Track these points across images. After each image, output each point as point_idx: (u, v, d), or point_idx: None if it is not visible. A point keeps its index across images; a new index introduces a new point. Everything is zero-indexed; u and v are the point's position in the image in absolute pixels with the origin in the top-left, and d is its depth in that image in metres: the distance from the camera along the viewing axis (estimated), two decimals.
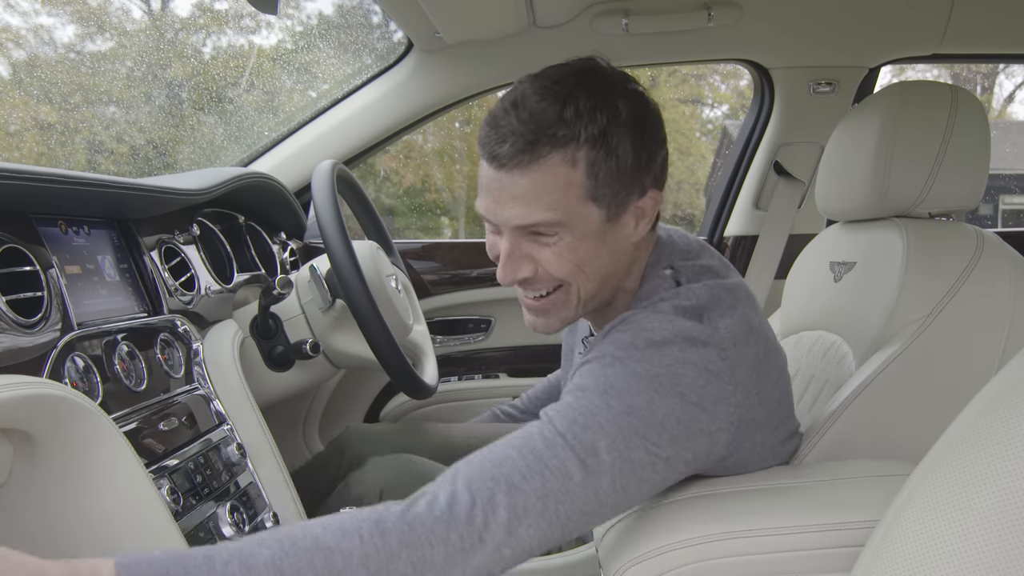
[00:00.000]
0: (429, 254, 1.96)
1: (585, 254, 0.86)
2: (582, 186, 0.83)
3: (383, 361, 1.24)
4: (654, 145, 0.86)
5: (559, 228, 0.85)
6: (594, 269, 0.88)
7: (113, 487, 0.80)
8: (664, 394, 0.80)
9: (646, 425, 0.78)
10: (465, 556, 0.72)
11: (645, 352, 0.82)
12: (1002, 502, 0.51)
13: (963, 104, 1.14)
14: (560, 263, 0.87)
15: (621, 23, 1.65)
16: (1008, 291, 1.10)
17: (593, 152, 0.82)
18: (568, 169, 0.82)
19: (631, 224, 0.88)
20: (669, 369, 0.81)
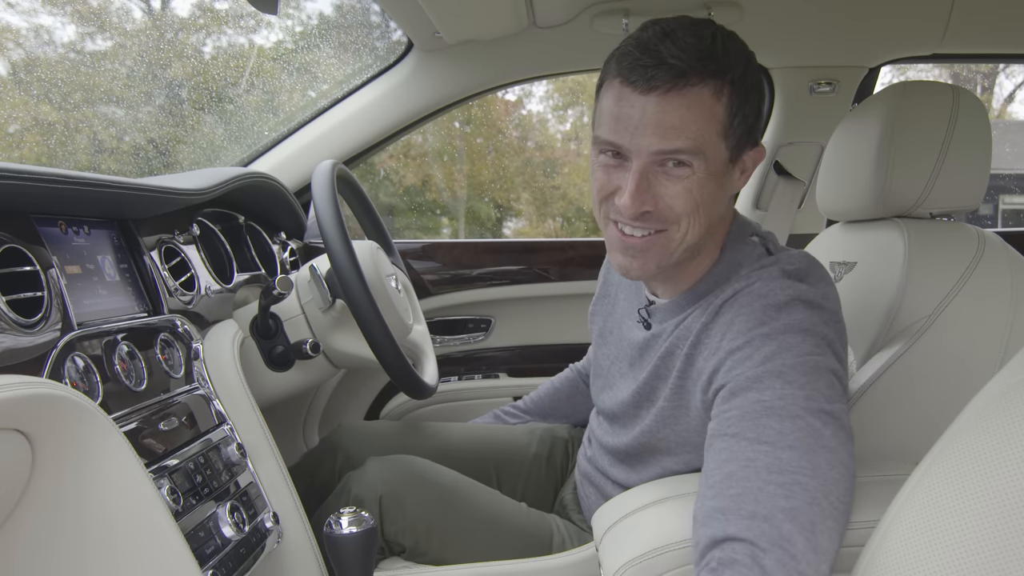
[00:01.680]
0: (429, 254, 1.96)
1: (708, 193, 0.90)
2: (720, 121, 0.88)
3: (383, 361, 1.24)
4: (764, 106, 0.93)
5: (695, 159, 0.88)
6: (708, 212, 0.92)
7: (113, 487, 0.80)
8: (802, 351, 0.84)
9: (816, 384, 0.82)
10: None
11: (775, 318, 0.87)
12: (1002, 502, 0.51)
13: (964, 104, 1.14)
14: (686, 198, 0.90)
15: (621, 23, 1.65)
16: (1009, 291, 1.10)
17: (734, 91, 0.88)
18: (714, 101, 0.87)
19: (737, 174, 0.94)
20: (802, 329, 0.86)
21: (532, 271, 1.97)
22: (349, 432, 1.43)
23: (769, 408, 0.81)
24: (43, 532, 0.77)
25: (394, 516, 1.19)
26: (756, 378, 0.83)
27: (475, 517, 1.21)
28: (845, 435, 0.81)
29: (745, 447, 0.79)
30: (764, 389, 0.82)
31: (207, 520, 0.97)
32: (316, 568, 1.13)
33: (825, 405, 0.81)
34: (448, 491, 1.23)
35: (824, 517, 0.74)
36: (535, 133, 4.72)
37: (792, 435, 0.78)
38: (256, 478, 1.12)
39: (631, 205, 0.90)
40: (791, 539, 0.72)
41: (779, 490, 0.75)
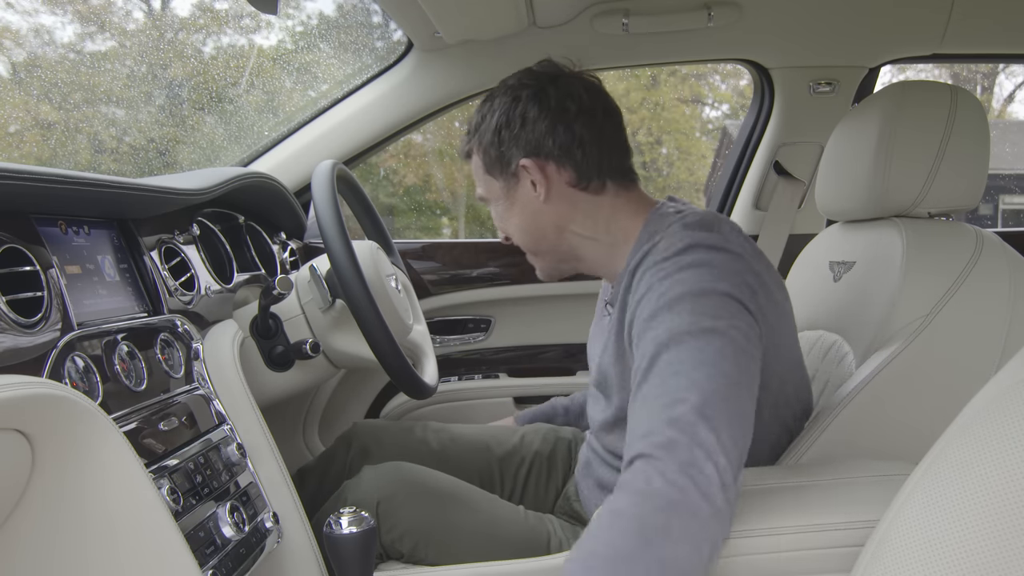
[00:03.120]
0: (429, 254, 1.96)
1: (512, 216, 1.15)
2: (479, 167, 1.16)
3: (383, 361, 1.24)
4: (518, 125, 1.10)
5: (486, 200, 1.19)
6: (524, 227, 1.15)
7: (113, 487, 0.80)
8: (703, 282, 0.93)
9: (706, 306, 0.91)
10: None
11: (672, 261, 0.97)
12: (1002, 501, 0.51)
13: (962, 104, 1.14)
14: (502, 226, 1.19)
15: (621, 23, 1.65)
16: (1007, 291, 1.11)
17: (478, 146, 1.15)
18: (476, 159, 1.17)
19: (529, 186, 1.12)
20: (696, 264, 0.95)
21: (532, 271, 1.97)
22: (364, 429, 1.45)
23: (660, 343, 0.90)
24: (43, 532, 0.77)
25: (391, 523, 1.19)
26: (651, 317, 0.94)
27: (472, 522, 1.22)
28: (732, 348, 0.88)
29: (645, 389, 0.89)
30: (657, 326, 0.92)
31: (207, 520, 0.97)
32: (316, 568, 1.13)
33: (708, 323, 0.89)
34: (445, 497, 1.24)
35: (704, 420, 0.82)
36: None
37: (677, 362, 0.87)
38: (256, 478, 1.12)
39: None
40: (675, 441, 0.81)
41: (664, 411, 0.84)
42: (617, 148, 1.13)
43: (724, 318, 0.90)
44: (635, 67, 2.04)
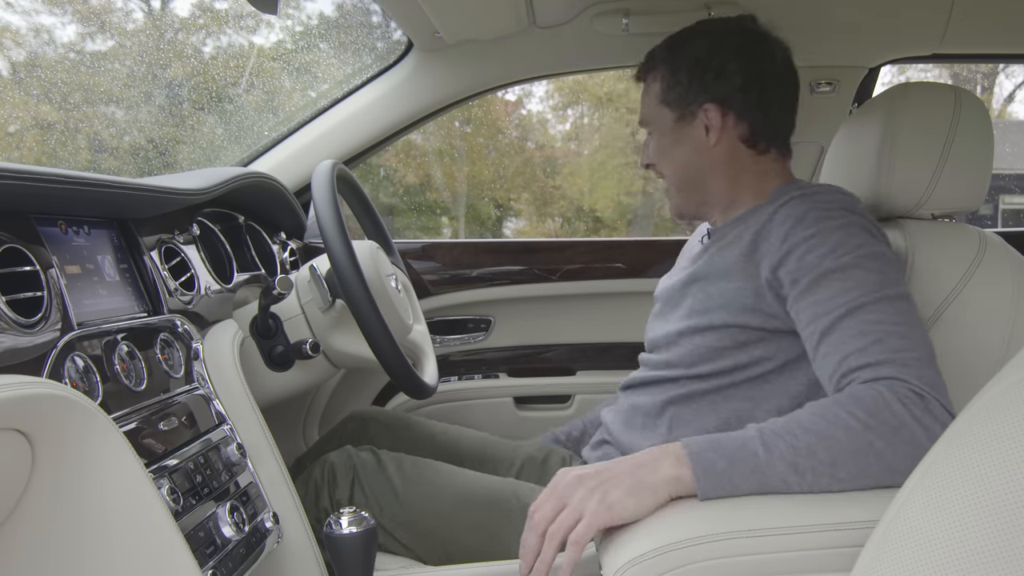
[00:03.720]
0: (429, 254, 1.96)
1: (667, 146, 1.21)
2: (657, 95, 1.21)
3: (383, 361, 1.24)
4: (702, 68, 1.16)
5: (649, 126, 1.25)
6: (675, 159, 1.21)
7: (113, 487, 0.80)
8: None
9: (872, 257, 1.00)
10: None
11: (840, 213, 1.05)
12: (1002, 501, 0.51)
13: (966, 105, 1.14)
14: (653, 151, 1.25)
15: (621, 23, 1.65)
16: (1011, 292, 1.11)
17: (665, 73, 1.19)
18: (653, 84, 1.22)
19: (701, 129, 1.17)
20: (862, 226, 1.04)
21: (532, 271, 1.97)
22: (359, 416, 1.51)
23: (856, 295, 0.96)
24: (43, 532, 0.77)
25: (359, 490, 1.26)
26: (838, 268, 0.99)
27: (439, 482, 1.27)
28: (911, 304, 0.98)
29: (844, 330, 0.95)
30: (847, 278, 0.98)
31: (207, 520, 0.97)
32: (316, 568, 1.13)
33: (899, 289, 0.98)
34: (415, 463, 1.30)
35: (936, 373, 0.91)
36: (535, 133, 4.72)
37: (888, 319, 0.94)
38: (256, 478, 1.12)
39: (640, 159, 1.31)
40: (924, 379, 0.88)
41: (896, 353, 0.91)
42: (789, 120, 1.23)
43: (897, 277, 1.01)
44: (635, 67, 2.04)
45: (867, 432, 0.84)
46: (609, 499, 0.84)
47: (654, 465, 0.86)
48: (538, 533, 0.87)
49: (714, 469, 0.84)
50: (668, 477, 0.85)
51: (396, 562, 1.24)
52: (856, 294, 0.96)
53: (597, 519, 0.84)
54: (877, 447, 0.83)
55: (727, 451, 0.85)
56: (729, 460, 0.85)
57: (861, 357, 0.91)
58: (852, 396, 0.87)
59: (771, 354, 1.11)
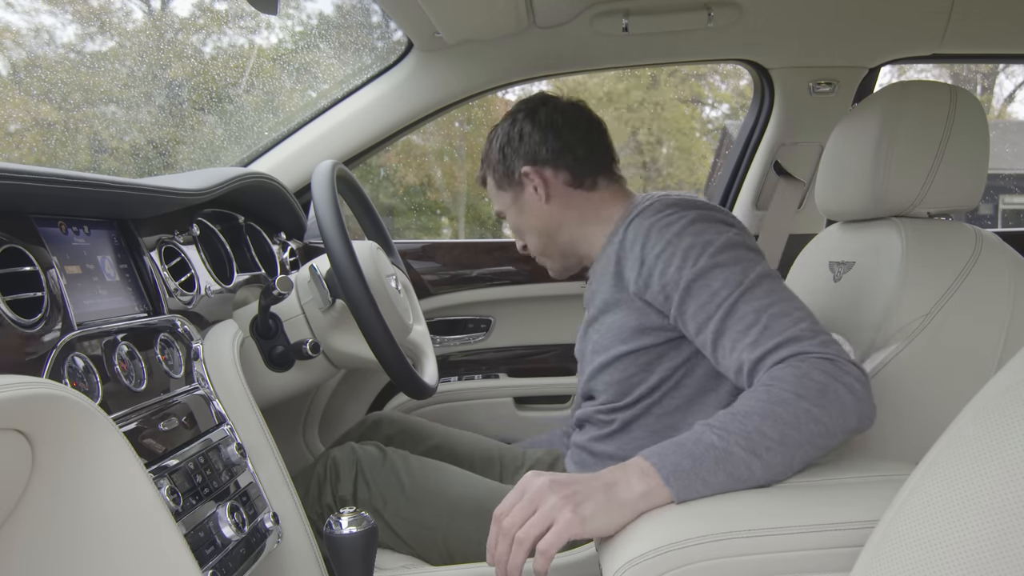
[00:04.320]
0: (429, 254, 1.96)
1: (522, 221, 1.32)
2: (492, 188, 1.34)
3: (383, 361, 1.25)
4: (516, 141, 1.28)
5: (502, 214, 1.36)
6: (536, 229, 1.31)
7: (113, 487, 0.80)
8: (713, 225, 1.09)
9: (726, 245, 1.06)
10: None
11: (678, 215, 1.10)
12: (1002, 501, 0.51)
13: (962, 104, 1.14)
14: (513, 233, 1.37)
15: (621, 23, 1.65)
16: (1007, 290, 1.11)
17: (489, 171, 1.34)
18: (488, 180, 1.35)
19: (531, 191, 1.28)
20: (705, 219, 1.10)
21: (532, 271, 1.97)
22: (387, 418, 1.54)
23: (728, 295, 1.01)
24: (43, 532, 0.77)
25: (364, 484, 1.28)
26: (699, 275, 1.04)
27: (448, 483, 1.30)
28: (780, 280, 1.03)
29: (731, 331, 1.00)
30: (711, 280, 1.03)
31: (207, 520, 0.97)
32: (316, 568, 1.13)
33: (759, 269, 1.02)
34: (421, 461, 1.33)
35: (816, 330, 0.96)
36: None
37: (762, 305, 0.99)
38: (256, 478, 1.12)
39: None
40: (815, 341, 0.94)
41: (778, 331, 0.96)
42: (603, 151, 1.30)
43: (761, 263, 1.05)
44: (635, 67, 2.04)
45: (801, 401, 0.88)
46: (583, 512, 0.83)
47: (626, 483, 0.85)
48: (507, 538, 0.86)
49: (680, 469, 0.85)
50: (640, 492, 0.84)
51: (396, 561, 1.24)
52: (725, 293, 1.01)
53: (570, 530, 0.83)
54: (814, 413, 0.88)
55: (686, 449, 0.86)
56: (692, 458, 0.85)
57: (756, 348, 0.96)
58: (773, 377, 0.92)
59: (678, 361, 1.16)
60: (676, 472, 0.84)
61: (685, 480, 0.84)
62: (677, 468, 0.85)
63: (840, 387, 0.89)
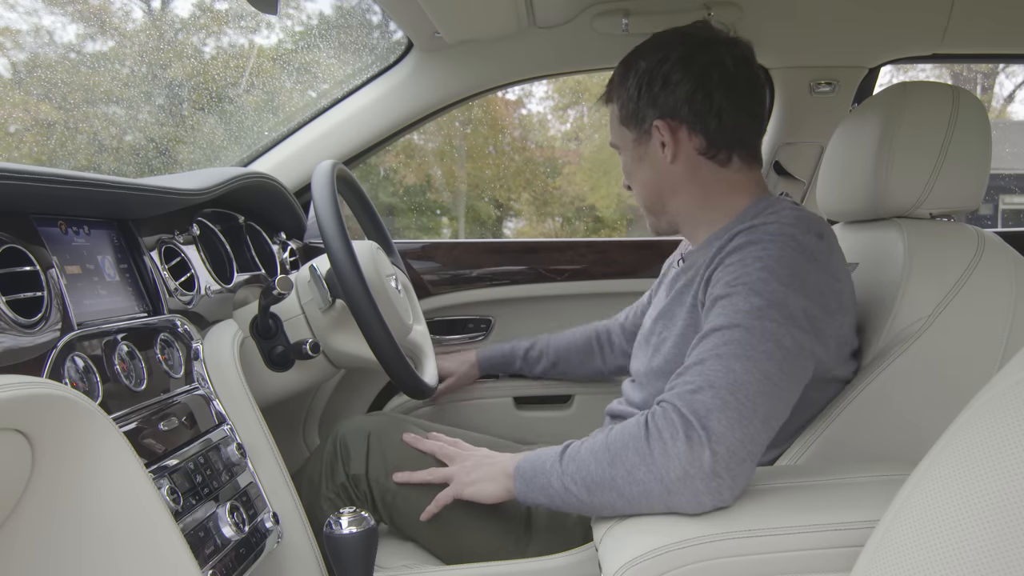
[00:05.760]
0: (429, 254, 1.96)
1: (634, 167, 1.20)
2: (616, 116, 1.20)
3: (383, 361, 1.25)
4: (659, 85, 1.12)
5: (616, 147, 1.23)
6: (643, 180, 1.19)
7: (113, 487, 0.80)
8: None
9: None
10: None
11: (771, 242, 0.99)
12: (1002, 502, 0.51)
13: (964, 105, 1.14)
14: (624, 172, 1.23)
15: (621, 23, 1.65)
16: (1009, 291, 1.10)
17: (616, 96, 1.19)
18: (613, 104, 1.20)
19: (658, 146, 1.14)
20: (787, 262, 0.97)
21: (532, 271, 1.97)
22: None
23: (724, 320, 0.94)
24: (43, 532, 0.77)
25: (379, 454, 1.27)
26: (724, 295, 0.97)
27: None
28: (782, 354, 0.91)
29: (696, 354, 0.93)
30: (725, 305, 0.96)
31: (207, 520, 0.97)
32: (316, 568, 1.13)
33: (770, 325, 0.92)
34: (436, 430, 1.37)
35: (725, 406, 0.86)
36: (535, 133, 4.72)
37: (731, 343, 0.91)
38: (256, 478, 1.12)
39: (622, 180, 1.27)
40: (696, 405, 0.87)
41: (696, 378, 0.89)
42: (752, 122, 1.15)
43: (789, 325, 0.93)
44: None
45: (611, 468, 0.89)
46: (467, 478, 1.12)
47: (503, 463, 1.07)
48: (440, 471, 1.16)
49: (524, 476, 0.99)
50: (504, 471, 1.05)
51: (396, 561, 1.24)
52: (720, 320, 0.93)
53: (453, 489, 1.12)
54: (618, 484, 0.88)
55: (538, 462, 0.98)
56: (534, 471, 0.98)
57: (675, 378, 0.92)
58: (623, 426, 0.92)
59: None
60: (522, 476, 0.99)
61: (523, 485, 0.99)
62: (523, 474, 0.99)
63: (654, 464, 0.85)
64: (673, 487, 0.84)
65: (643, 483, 0.86)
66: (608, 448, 0.90)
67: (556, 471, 0.94)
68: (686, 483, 0.83)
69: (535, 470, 0.97)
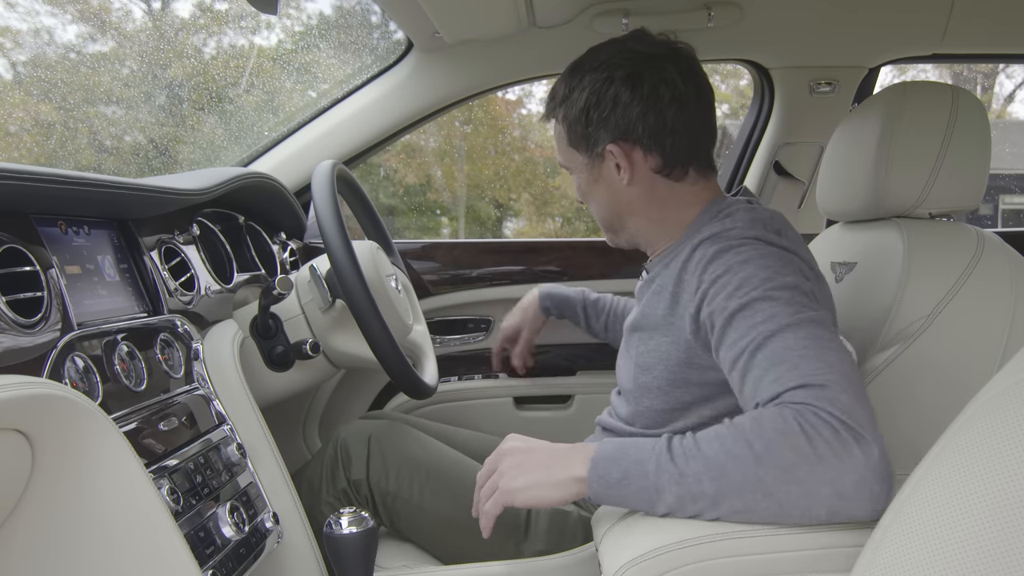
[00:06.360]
0: (429, 254, 1.96)
1: (590, 189, 1.16)
2: (564, 138, 1.16)
3: (383, 361, 1.24)
4: (609, 107, 1.08)
5: (566, 168, 1.19)
6: (600, 201, 1.16)
7: (113, 487, 0.80)
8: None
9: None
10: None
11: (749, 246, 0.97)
12: (1001, 501, 0.51)
13: (964, 105, 1.14)
14: (577, 192, 1.20)
15: (621, 23, 1.65)
16: (1008, 291, 1.10)
17: (564, 115, 1.14)
18: (558, 127, 1.16)
19: (613, 169, 1.11)
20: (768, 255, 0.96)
21: (532, 271, 1.97)
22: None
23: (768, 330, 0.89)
24: (43, 532, 0.77)
25: (379, 458, 1.27)
26: (745, 305, 0.92)
27: (459, 468, 1.30)
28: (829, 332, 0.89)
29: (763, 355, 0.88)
30: (755, 312, 0.91)
31: (207, 520, 0.97)
32: (316, 568, 1.13)
33: (811, 314, 0.89)
34: (432, 444, 1.33)
35: (858, 398, 0.81)
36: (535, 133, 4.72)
37: (798, 340, 0.86)
38: (256, 478, 1.12)
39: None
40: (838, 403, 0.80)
41: (803, 379, 0.83)
42: (705, 134, 1.12)
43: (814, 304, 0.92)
44: None
45: (758, 467, 0.78)
46: (514, 484, 0.87)
47: (567, 463, 0.86)
48: (478, 489, 0.94)
49: (606, 480, 0.84)
50: (573, 477, 0.85)
51: (396, 561, 1.24)
52: (765, 327, 0.88)
53: (503, 498, 0.89)
54: (767, 484, 0.78)
55: (624, 464, 0.83)
56: (623, 474, 0.83)
57: (775, 385, 0.84)
58: (756, 420, 0.81)
59: (720, 411, 1.06)
60: (603, 479, 0.84)
61: (605, 491, 0.84)
62: (605, 477, 0.84)
63: (819, 466, 0.77)
64: (847, 492, 0.76)
65: (805, 483, 0.77)
66: (749, 444, 0.79)
67: (670, 472, 0.81)
68: (861, 488, 0.76)
69: (626, 474, 0.83)
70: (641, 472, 0.82)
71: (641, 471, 0.82)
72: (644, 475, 0.82)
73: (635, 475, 0.82)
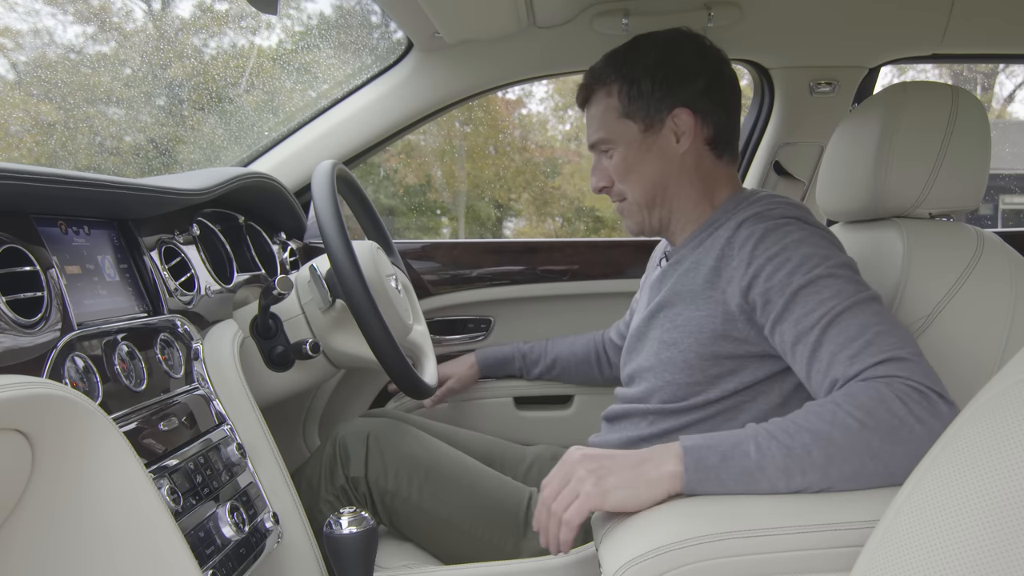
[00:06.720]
0: (429, 254, 1.96)
1: (635, 162, 1.15)
2: (616, 108, 1.15)
3: (383, 361, 1.25)
4: (660, 74, 1.12)
5: (611, 143, 1.17)
6: (644, 175, 1.16)
7: (113, 487, 0.80)
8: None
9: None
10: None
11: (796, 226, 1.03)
12: (1001, 501, 0.51)
13: (964, 105, 1.14)
14: (617, 170, 1.17)
15: (621, 23, 1.65)
16: (1008, 291, 1.11)
17: (622, 84, 1.14)
18: (607, 98, 1.16)
19: (671, 137, 1.14)
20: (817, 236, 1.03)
21: (532, 271, 1.97)
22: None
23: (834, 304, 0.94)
24: (43, 532, 0.77)
25: (378, 456, 1.27)
26: (811, 281, 0.97)
27: (458, 467, 1.30)
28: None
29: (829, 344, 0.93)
30: (821, 289, 0.96)
31: (207, 520, 0.97)
32: (316, 568, 1.13)
33: (871, 292, 0.96)
34: (431, 443, 1.34)
35: (928, 370, 0.88)
36: (535, 133, 4.72)
37: (867, 317, 0.92)
38: (256, 478, 1.12)
39: (592, 183, 1.22)
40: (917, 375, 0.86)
41: (881, 354, 0.89)
42: (737, 121, 1.20)
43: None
44: None
45: (864, 431, 0.83)
46: (605, 484, 0.85)
47: (658, 461, 0.86)
48: (546, 507, 0.90)
49: (704, 464, 0.85)
50: (668, 473, 0.85)
51: (396, 561, 1.24)
52: (834, 303, 0.94)
53: (590, 501, 0.85)
54: (874, 447, 0.82)
55: (720, 448, 0.86)
56: (721, 456, 0.85)
57: (854, 364, 0.89)
58: (849, 395, 0.86)
59: (744, 383, 1.09)
60: (700, 464, 0.85)
61: (703, 475, 0.85)
62: (702, 461, 0.85)
63: (918, 425, 0.82)
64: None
65: (908, 443, 0.82)
66: (850, 414, 0.84)
67: (774, 449, 0.84)
68: (918, 448, 0.82)
69: (724, 456, 0.85)
70: (742, 452, 0.85)
71: (741, 452, 0.85)
72: (745, 455, 0.85)
73: (735, 456, 0.85)
